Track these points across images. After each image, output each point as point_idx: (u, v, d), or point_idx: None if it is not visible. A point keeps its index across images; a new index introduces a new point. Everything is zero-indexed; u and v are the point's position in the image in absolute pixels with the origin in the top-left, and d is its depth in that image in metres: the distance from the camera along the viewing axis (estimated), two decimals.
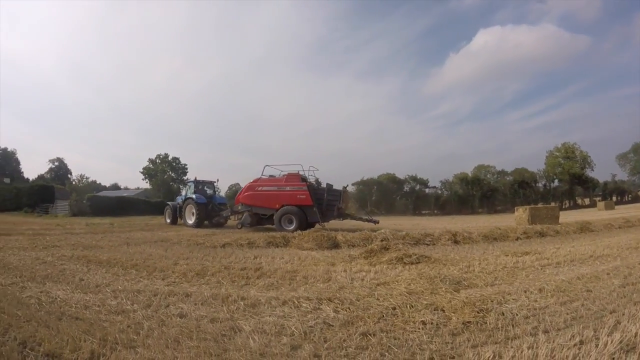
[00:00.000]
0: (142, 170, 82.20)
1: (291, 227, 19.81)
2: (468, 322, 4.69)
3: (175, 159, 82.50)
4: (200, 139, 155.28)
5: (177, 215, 26.99)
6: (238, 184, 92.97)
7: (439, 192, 66.26)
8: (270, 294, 6.21)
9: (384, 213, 57.46)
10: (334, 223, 22.29)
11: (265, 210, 21.54)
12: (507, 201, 61.85)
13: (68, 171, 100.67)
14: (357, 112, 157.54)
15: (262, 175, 22.48)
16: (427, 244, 13.24)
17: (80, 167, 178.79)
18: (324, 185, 21.69)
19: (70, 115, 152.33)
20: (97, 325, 4.68)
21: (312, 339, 4.28)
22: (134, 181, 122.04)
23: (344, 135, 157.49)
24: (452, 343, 4.08)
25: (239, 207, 22.87)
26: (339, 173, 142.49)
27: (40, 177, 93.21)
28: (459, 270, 7.92)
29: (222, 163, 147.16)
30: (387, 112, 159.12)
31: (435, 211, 61.22)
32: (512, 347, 3.87)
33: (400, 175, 66.72)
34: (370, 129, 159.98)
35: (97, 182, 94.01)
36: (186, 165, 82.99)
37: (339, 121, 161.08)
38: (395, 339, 4.25)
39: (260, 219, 21.98)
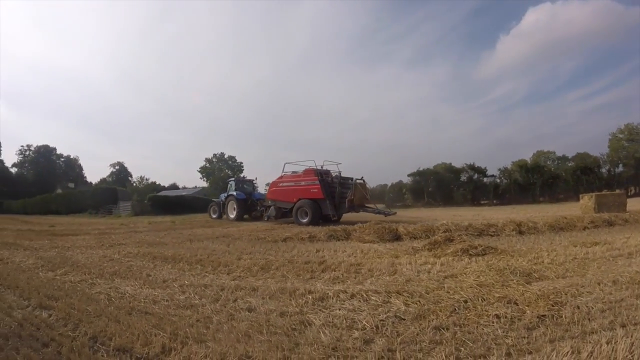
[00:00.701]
0: (199, 170, 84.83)
1: (305, 220, 20.94)
2: (543, 315, 4.50)
3: (231, 157, 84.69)
4: (253, 136, 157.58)
5: (221, 211, 28.97)
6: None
7: (498, 180, 63.70)
8: (337, 288, 6.09)
9: (441, 204, 56.26)
10: (347, 215, 22.55)
11: (285, 204, 22.89)
12: (569, 189, 58.53)
13: (128, 174, 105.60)
14: (407, 102, 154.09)
15: (283, 172, 23.79)
16: (491, 235, 12.82)
17: (140, 169, 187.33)
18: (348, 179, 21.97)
19: (128, 121, 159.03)
20: (166, 320, 4.72)
21: (385, 333, 4.16)
22: (192, 180, 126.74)
23: (396, 126, 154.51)
24: (528, 337, 3.90)
25: (268, 202, 24.71)
26: (393, 165, 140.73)
27: (103, 180, 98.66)
28: (527, 262, 7.55)
29: (274, 158, 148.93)
30: (439, 100, 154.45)
31: (495, 201, 58.49)
32: (590, 342, 3.67)
33: (457, 164, 64.29)
34: (422, 118, 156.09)
35: (157, 183, 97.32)
36: (241, 162, 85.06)
37: (389, 112, 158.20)
38: (469, 333, 4.08)
39: (284, 213, 23.39)
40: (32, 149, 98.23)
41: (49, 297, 5.98)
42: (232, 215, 27.04)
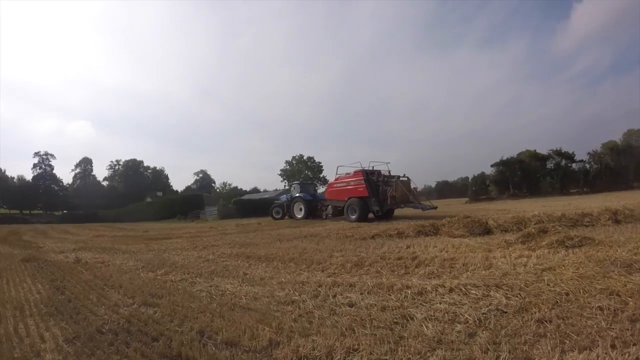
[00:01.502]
0: (280, 172, 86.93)
1: (354, 217, 23.19)
2: None
3: (310, 158, 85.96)
4: (331, 136, 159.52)
5: (284, 212, 31.09)
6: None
7: (587, 166, 58.83)
8: (434, 282, 6.01)
9: (528, 195, 53.63)
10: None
11: (339, 203, 25.20)
12: None
13: (211, 180, 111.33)
14: (485, 86, 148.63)
15: (337, 174, 26.38)
16: (585, 225, 12.15)
17: (222, 176, 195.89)
18: (397, 178, 23.45)
19: (207, 133, 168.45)
20: (269, 315, 4.88)
21: (488, 326, 4.11)
22: (272, 184, 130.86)
23: (476, 113, 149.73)
24: (632, 329, 3.74)
25: (327, 202, 27.27)
26: (475, 155, 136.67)
27: (188, 188, 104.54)
28: (627, 252, 6.95)
29: (353, 157, 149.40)
30: (518, 80, 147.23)
31: (585, 189, 53.84)
32: None
33: (542, 150, 60.65)
34: (502, 101, 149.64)
35: (239, 188, 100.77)
36: (320, 162, 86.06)
37: (467, 99, 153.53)
38: (572, 325, 3.95)
39: (339, 211, 25.57)
40: (121, 163, 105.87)
41: (152, 296, 6.40)
42: (300, 215, 28.93)
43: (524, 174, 58.57)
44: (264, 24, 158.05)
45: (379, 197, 22.85)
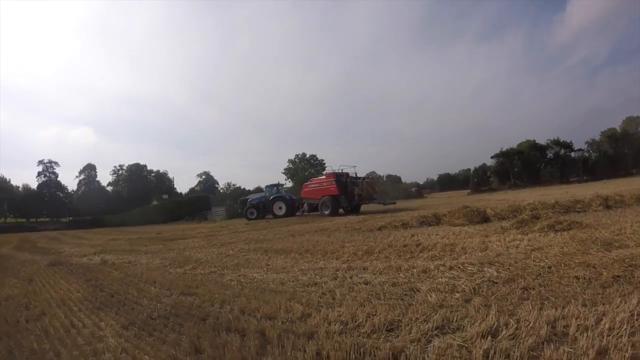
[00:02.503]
0: (283, 171, 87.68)
1: (327, 212, 28.44)
2: (617, 276, 5.07)
3: (313, 156, 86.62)
4: (332, 135, 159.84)
5: (259, 212, 34.52)
6: (374, 171, 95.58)
7: (586, 154, 59.31)
8: (436, 263, 6.96)
9: (529, 185, 54.44)
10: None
11: (314, 201, 30.03)
12: None
13: (215, 182, 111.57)
14: (484, 80, 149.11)
15: (320, 176, 32.93)
16: (577, 211, 13.12)
17: (225, 177, 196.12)
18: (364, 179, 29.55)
19: (208, 135, 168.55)
20: (297, 295, 5.74)
21: (481, 293, 5.00)
22: (273, 182, 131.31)
23: (475, 107, 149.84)
24: (602, 293, 4.53)
25: (303, 200, 31.98)
26: (476, 147, 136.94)
27: (192, 190, 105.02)
28: (610, 233, 7.87)
29: (355, 154, 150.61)
30: (516, 73, 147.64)
31: (585, 177, 55.52)
32: None
33: (542, 140, 61.96)
34: (501, 95, 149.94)
35: (242, 188, 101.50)
36: (323, 160, 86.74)
37: (467, 93, 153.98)
38: (552, 291, 4.81)
39: (314, 208, 30.45)
40: (125, 168, 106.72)
41: (187, 287, 7.19)
42: (280, 213, 32.64)
43: (524, 165, 59.44)
44: (261, 24, 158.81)
45: (347, 195, 28.21)
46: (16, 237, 40.13)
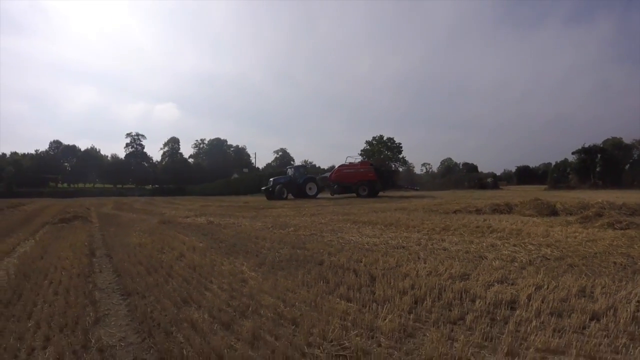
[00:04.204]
0: (360, 152, 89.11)
1: (364, 194, 34.65)
2: None
3: (390, 139, 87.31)
4: (408, 120, 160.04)
5: (286, 192, 37.47)
6: (450, 158, 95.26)
7: None
8: (502, 241, 8.41)
9: (609, 185, 51.98)
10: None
11: (347, 184, 35.62)
12: None
13: (291, 158, 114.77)
14: (572, 67, 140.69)
15: (345, 162, 37.42)
16: None
17: (301, 155, 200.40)
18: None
19: (284, 114, 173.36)
20: (389, 253, 7.37)
21: (534, 264, 6.38)
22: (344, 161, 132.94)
23: (562, 97, 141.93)
24: (631, 277, 5.58)
25: (333, 182, 36.53)
26: (559, 142, 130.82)
27: (268, 165, 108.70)
28: None
29: (433, 140, 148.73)
30: (608, 61, 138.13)
31: None
32: None
33: (629, 139, 59.32)
34: (591, 84, 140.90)
35: (318, 166, 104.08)
36: (400, 144, 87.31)
37: (553, 81, 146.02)
38: (591, 269, 6.02)
39: (344, 190, 35.95)
40: (206, 142, 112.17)
41: (296, 243, 8.91)
42: (312, 194, 37.28)
43: (606, 164, 56.83)
44: (340, 7, 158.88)
45: (382, 180, 35.85)
46: (109, 200, 44.14)
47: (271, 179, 38.03)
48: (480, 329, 3.72)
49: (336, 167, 38.38)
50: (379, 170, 36.66)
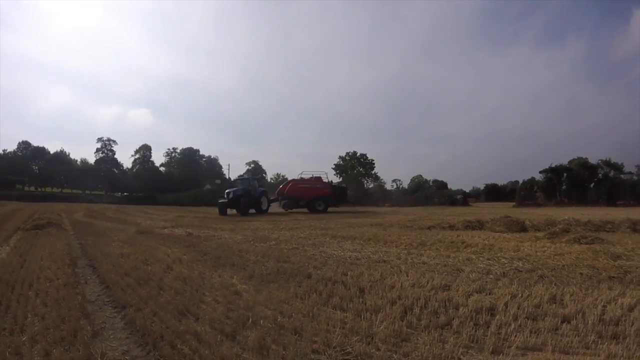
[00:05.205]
0: (333, 167, 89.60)
1: (321, 208, 35.67)
2: (613, 276, 6.84)
3: (363, 155, 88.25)
4: (381, 133, 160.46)
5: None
6: (420, 175, 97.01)
7: (635, 178, 58.83)
8: (477, 255, 8.95)
9: (575, 203, 53.77)
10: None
11: (300, 199, 36.25)
12: None
13: (263, 171, 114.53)
14: (541, 86, 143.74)
15: (299, 176, 38.21)
16: (607, 231, 14.47)
17: (272, 166, 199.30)
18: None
19: (258, 124, 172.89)
20: (372, 267, 7.77)
21: (508, 276, 6.94)
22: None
23: (530, 114, 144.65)
24: (597, 286, 6.19)
25: (283, 197, 37.15)
26: (527, 160, 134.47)
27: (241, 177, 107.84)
28: (622, 249, 9.60)
29: (404, 155, 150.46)
30: (575, 81, 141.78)
31: (631, 201, 53.46)
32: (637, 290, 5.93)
33: (594, 159, 60.95)
34: (558, 103, 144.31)
35: (287, 178, 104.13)
36: (373, 160, 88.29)
37: (522, 99, 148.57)
38: (560, 279, 6.68)
39: (295, 205, 36.30)
40: (178, 151, 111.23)
41: (280, 257, 9.18)
42: (264, 207, 35.68)
43: (572, 183, 59.30)
44: (316, 19, 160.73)
45: (336, 197, 37.71)
46: (80, 207, 43.42)
47: (228, 191, 34.34)
48: (466, 332, 4.19)
49: (289, 181, 39.60)
50: (333, 187, 39.24)
